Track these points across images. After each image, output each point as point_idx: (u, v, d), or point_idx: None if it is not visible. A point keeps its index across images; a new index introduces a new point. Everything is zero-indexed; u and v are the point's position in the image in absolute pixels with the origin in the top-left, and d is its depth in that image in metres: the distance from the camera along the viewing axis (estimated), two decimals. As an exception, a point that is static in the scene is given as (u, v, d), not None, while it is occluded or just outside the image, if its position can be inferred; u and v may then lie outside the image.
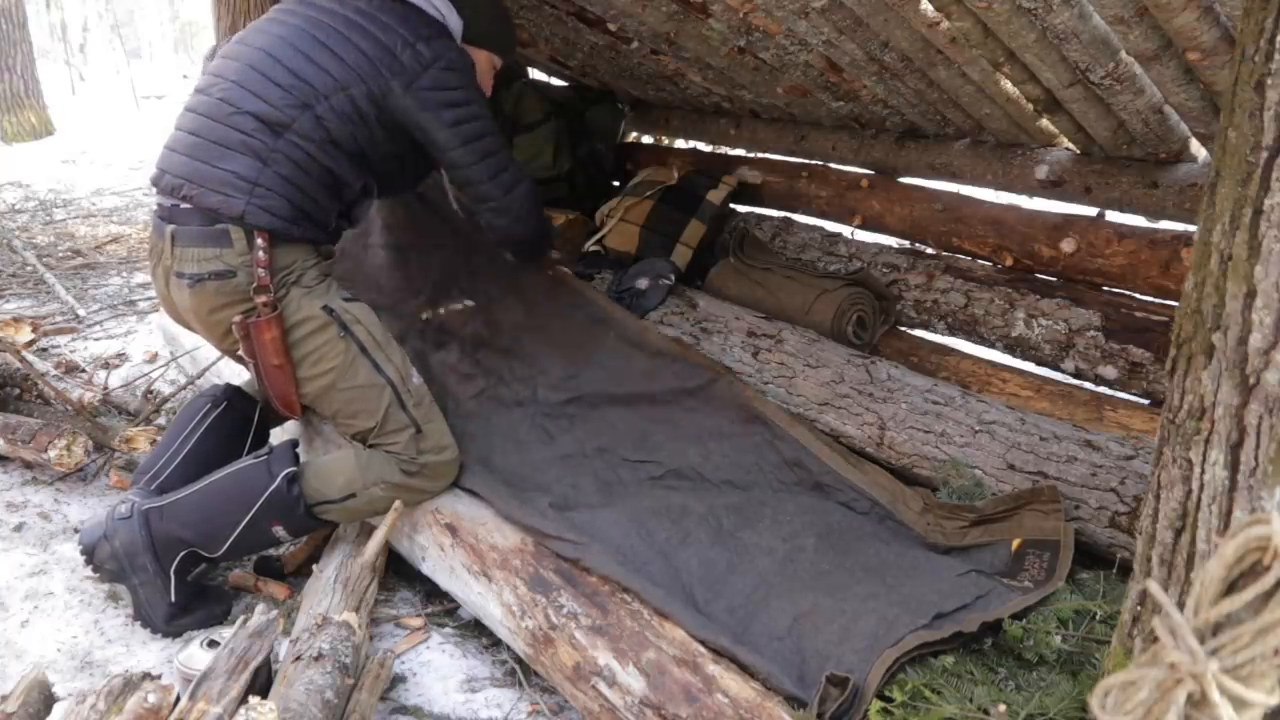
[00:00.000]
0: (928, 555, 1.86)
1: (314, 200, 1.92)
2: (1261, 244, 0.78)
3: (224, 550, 1.93)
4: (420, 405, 1.98)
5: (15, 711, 1.40)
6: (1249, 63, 0.81)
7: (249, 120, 1.87)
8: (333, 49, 1.94)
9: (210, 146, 1.88)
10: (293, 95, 1.89)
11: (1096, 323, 2.22)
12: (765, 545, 1.88)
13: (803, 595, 1.71)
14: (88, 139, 9.35)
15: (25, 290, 4.21)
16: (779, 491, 2.11)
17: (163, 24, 19.84)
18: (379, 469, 1.93)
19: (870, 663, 1.46)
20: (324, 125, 1.90)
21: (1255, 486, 0.79)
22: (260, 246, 1.84)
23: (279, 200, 1.86)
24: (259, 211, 1.84)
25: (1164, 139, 1.99)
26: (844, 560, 1.82)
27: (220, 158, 1.86)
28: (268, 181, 1.85)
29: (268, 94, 1.89)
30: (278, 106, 1.88)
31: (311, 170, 1.90)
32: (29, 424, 2.49)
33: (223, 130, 1.88)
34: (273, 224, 1.85)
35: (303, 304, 1.90)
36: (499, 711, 1.76)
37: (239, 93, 1.90)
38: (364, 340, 1.95)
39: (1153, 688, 0.65)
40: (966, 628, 1.52)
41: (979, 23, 1.81)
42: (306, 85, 1.90)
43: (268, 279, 1.85)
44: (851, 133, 2.89)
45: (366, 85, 1.92)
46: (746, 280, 2.97)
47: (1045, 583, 1.69)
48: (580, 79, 3.86)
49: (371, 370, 1.94)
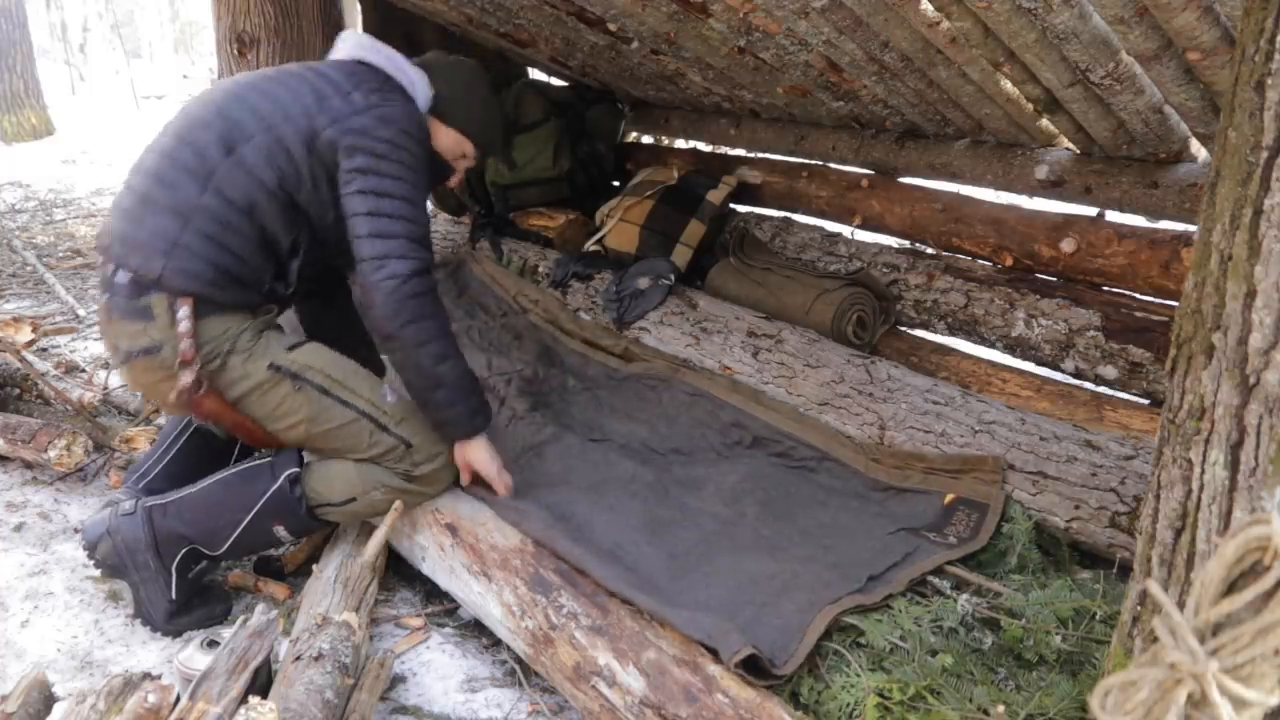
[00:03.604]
0: (860, 517, 1.97)
1: (241, 260, 1.82)
2: (1261, 244, 0.78)
3: (225, 549, 1.93)
4: (404, 421, 1.92)
5: (15, 711, 1.40)
6: (1249, 63, 0.81)
7: (177, 173, 1.80)
8: (267, 91, 1.88)
9: (138, 206, 1.81)
10: (219, 139, 1.82)
11: (1096, 323, 2.22)
12: (709, 510, 2.01)
13: (745, 553, 1.83)
14: (88, 139, 9.36)
15: (25, 290, 4.21)
16: (723, 457, 2.25)
17: (163, 24, 19.83)
18: (378, 475, 1.93)
19: (809, 616, 1.58)
20: (248, 169, 1.80)
21: (1255, 486, 0.79)
22: (184, 317, 1.75)
23: (200, 262, 1.76)
24: (177, 274, 1.75)
25: (1164, 139, 1.99)
26: (784, 526, 1.96)
27: (144, 217, 1.79)
28: (188, 241, 1.76)
29: (196, 140, 1.82)
30: (203, 153, 1.80)
31: (238, 226, 1.80)
32: (29, 424, 2.49)
33: (151, 185, 1.82)
34: (193, 287, 1.76)
35: (246, 368, 1.83)
36: (499, 711, 1.76)
37: (173, 144, 1.84)
38: (322, 384, 1.87)
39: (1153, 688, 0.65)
40: (895, 589, 1.68)
41: (979, 23, 1.81)
42: (233, 126, 1.83)
43: (192, 353, 1.76)
44: (851, 133, 2.89)
45: (294, 124, 1.83)
46: (746, 280, 2.96)
47: (969, 540, 1.83)
48: (580, 79, 3.86)
49: (341, 408, 1.88)
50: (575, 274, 3.27)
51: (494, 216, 3.88)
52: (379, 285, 1.78)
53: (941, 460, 2.07)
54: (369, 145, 1.83)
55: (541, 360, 2.82)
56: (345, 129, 1.83)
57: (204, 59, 15.63)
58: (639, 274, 3.05)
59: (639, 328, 2.94)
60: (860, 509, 2.01)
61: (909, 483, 2.05)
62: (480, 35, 3.56)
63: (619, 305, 3.00)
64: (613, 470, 2.16)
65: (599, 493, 2.04)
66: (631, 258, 3.22)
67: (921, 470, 2.07)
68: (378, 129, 1.84)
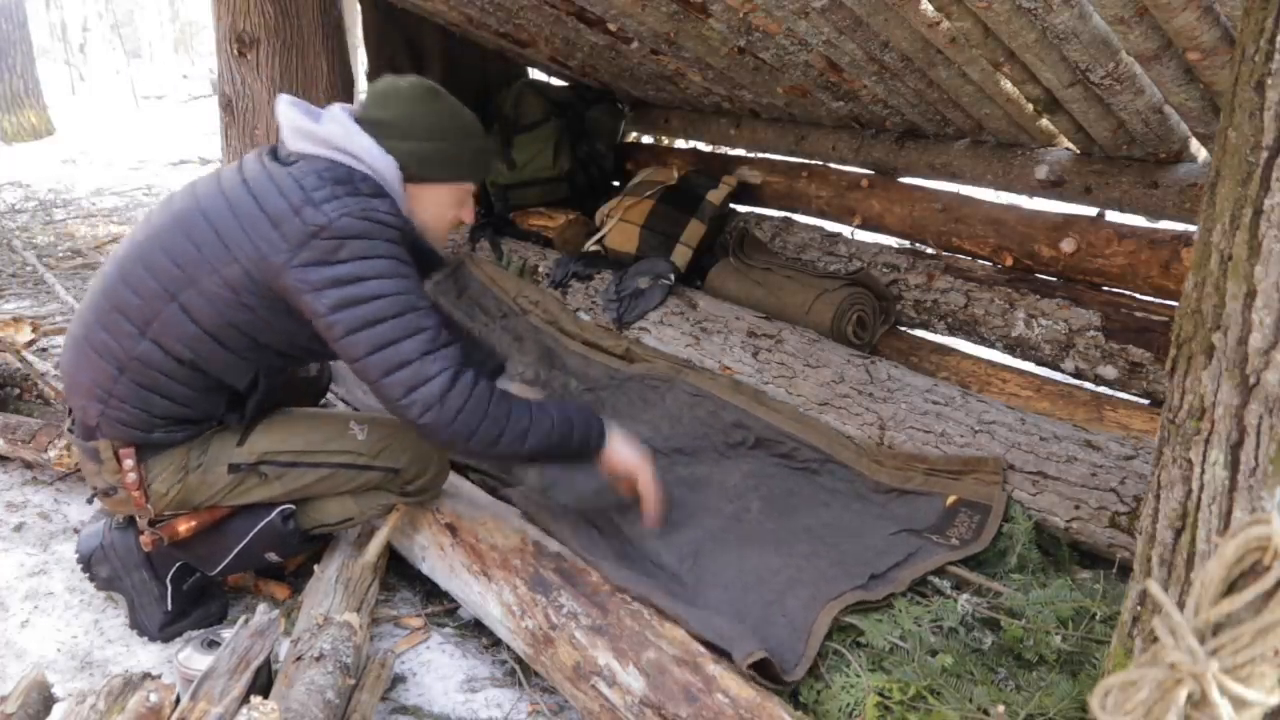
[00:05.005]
0: (863, 518, 1.97)
1: (187, 406, 1.72)
2: (1261, 244, 0.78)
3: (218, 571, 1.92)
4: (383, 452, 1.84)
5: (15, 711, 1.40)
6: (1249, 63, 0.81)
7: (117, 319, 1.67)
8: (214, 223, 1.63)
9: (81, 344, 1.71)
10: (160, 284, 1.64)
11: (1096, 323, 2.22)
12: (712, 506, 2.01)
13: (749, 549, 1.83)
14: (88, 139, 9.36)
15: (25, 290, 4.21)
16: (725, 457, 2.26)
17: (163, 24, 19.83)
18: (373, 499, 1.92)
19: (813, 612, 1.60)
20: (191, 316, 1.63)
21: (1255, 486, 0.79)
22: (129, 468, 1.70)
23: (134, 412, 1.68)
24: (113, 424, 1.69)
25: (1164, 139, 1.99)
26: (786, 523, 1.95)
27: (84, 363, 1.70)
28: (121, 392, 1.67)
29: (140, 285, 1.66)
30: (145, 298, 1.65)
31: (181, 377, 1.68)
32: (29, 424, 2.49)
33: (91, 325, 1.70)
34: (132, 437, 1.69)
35: (205, 479, 1.77)
36: (499, 711, 1.76)
37: (116, 285, 1.69)
38: (286, 460, 1.80)
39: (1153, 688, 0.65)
40: (897, 587, 1.69)
41: (979, 23, 1.81)
42: (176, 269, 1.63)
43: (142, 500, 1.72)
44: (851, 133, 2.90)
45: (241, 265, 1.60)
46: (746, 280, 2.97)
47: (971, 542, 1.83)
48: (580, 79, 3.87)
49: (311, 471, 1.83)
50: (575, 274, 3.27)
51: (494, 216, 3.88)
52: (423, 422, 1.62)
53: (942, 461, 2.07)
54: (337, 274, 1.58)
55: (543, 362, 2.82)
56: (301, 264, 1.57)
57: (204, 59, 15.64)
58: (639, 274, 3.05)
59: (639, 328, 2.94)
60: (863, 510, 2.01)
61: (911, 485, 2.06)
62: (480, 35, 3.56)
63: (619, 305, 3.00)
64: None
65: None
66: (631, 258, 3.22)
67: (923, 472, 2.07)
68: (339, 250, 1.58)
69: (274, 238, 1.58)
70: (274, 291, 1.61)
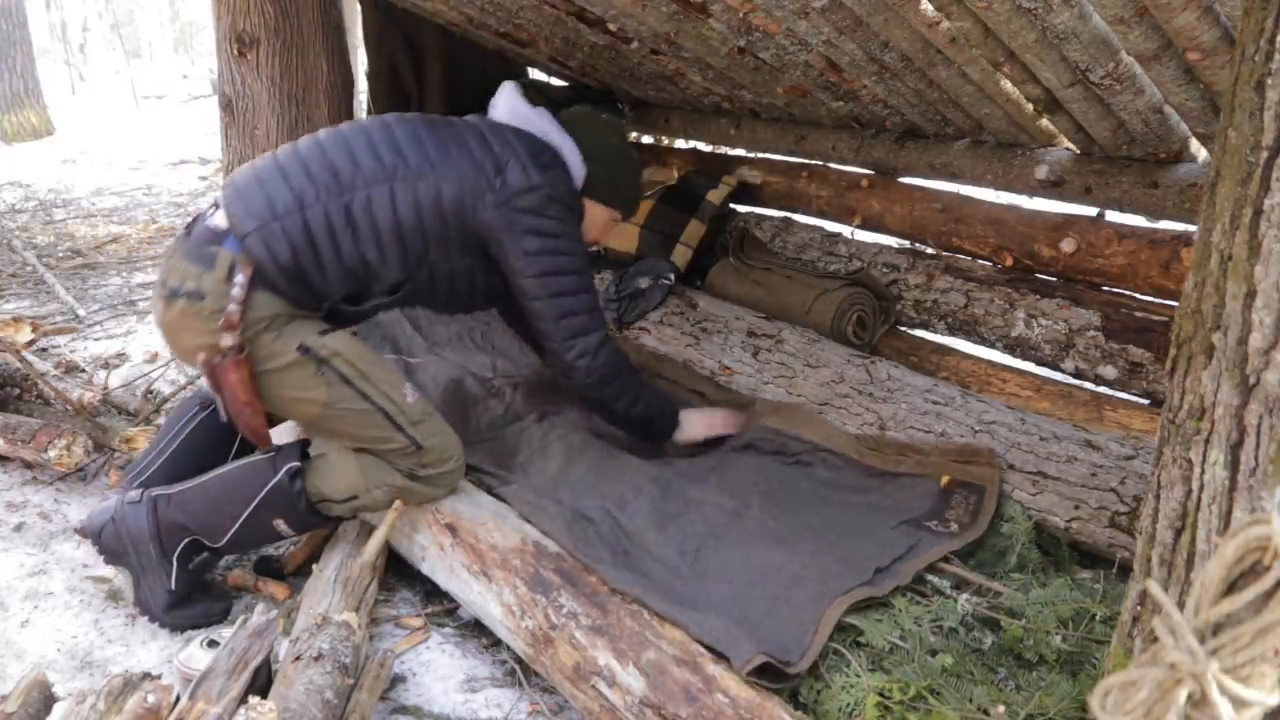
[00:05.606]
0: (863, 512, 1.98)
1: (321, 270, 1.82)
2: (1261, 244, 0.78)
3: (225, 541, 1.94)
4: (419, 424, 1.92)
5: (15, 711, 1.40)
6: (1249, 63, 0.81)
7: (322, 169, 1.82)
8: (444, 141, 1.89)
9: (271, 173, 1.84)
10: (381, 165, 1.83)
11: (1096, 323, 2.22)
12: (713, 501, 2.02)
13: (753, 545, 1.84)
14: (88, 139, 9.37)
15: (25, 290, 4.21)
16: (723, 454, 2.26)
17: (163, 24, 19.84)
18: (381, 473, 1.93)
19: (820, 607, 1.59)
20: (394, 203, 1.82)
21: (1255, 486, 0.79)
22: (239, 282, 1.76)
23: (285, 245, 1.77)
24: (259, 242, 1.77)
25: (1164, 139, 1.99)
26: (789, 520, 1.95)
27: (270, 184, 1.81)
28: (290, 225, 1.78)
29: (357, 152, 1.84)
30: (364, 170, 1.82)
31: (343, 241, 1.81)
32: (29, 424, 2.49)
33: (293, 164, 1.84)
34: (264, 260, 1.77)
35: (274, 346, 1.82)
36: (499, 711, 1.76)
37: (333, 141, 1.87)
38: (345, 372, 1.86)
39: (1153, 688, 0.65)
40: (902, 581, 1.70)
41: (979, 23, 1.81)
42: (402, 161, 1.84)
43: (237, 317, 1.76)
44: (851, 133, 2.89)
45: (460, 187, 1.85)
46: (746, 280, 2.97)
47: (970, 527, 1.85)
48: (580, 79, 3.86)
49: (357, 398, 1.88)
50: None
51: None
52: (576, 365, 1.99)
53: (935, 449, 2.08)
54: (541, 226, 1.90)
55: None
56: (516, 208, 1.87)
57: (204, 59, 15.64)
58: (639, 274, 3.05)
59: (639, 328, 2.94)
60: (862, 503, 2.01)
61: (903, 468, 2.07)
62: (480, 35, 3.56)
63: (619, 305, 3.00)
64: (619, 468, 2.16)
65: (605, 492, 2.04)
66: (631, 258, 3.22)
67: (915, 459, 2.09)
68: (548, 209, 1.90)
69: (498, 178, 1.87)
70: (475, 220, 1.87)
